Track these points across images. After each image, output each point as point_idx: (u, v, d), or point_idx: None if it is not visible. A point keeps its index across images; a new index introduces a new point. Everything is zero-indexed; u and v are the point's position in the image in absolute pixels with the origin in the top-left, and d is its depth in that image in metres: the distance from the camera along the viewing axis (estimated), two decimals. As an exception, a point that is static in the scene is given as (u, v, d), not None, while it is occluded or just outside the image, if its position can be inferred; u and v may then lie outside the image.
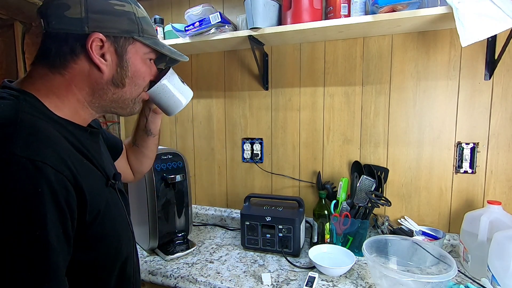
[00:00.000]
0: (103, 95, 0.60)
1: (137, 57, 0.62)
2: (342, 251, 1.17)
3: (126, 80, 0.61)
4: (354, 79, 1.34)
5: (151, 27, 0.65)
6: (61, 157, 0.48)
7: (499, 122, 1.17)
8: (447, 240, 1.23)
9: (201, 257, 1.23)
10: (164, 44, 0.68)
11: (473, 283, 0.96)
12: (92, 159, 0.57)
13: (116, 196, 0.63)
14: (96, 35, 0.55)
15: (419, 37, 1.24)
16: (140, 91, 0.66)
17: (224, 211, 1.60)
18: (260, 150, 1.52)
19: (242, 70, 1.52)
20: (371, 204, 1.19)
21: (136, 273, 0.73)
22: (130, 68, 0.61)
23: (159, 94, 0.73)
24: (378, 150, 1.33)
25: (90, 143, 0.61)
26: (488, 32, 0.94)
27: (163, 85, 0.72)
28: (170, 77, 0.74)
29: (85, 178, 0.51)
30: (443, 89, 1.23)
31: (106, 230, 0.56)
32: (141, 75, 0.64)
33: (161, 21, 1.48)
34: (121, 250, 0.62)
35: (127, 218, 0.66)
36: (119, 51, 0.59)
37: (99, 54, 0.57)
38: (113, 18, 0.57)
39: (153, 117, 0.87)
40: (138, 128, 0.90)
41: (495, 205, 1.04)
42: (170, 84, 0.74)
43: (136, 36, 0.60)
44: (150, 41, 0.63)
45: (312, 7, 1.17)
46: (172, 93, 0.74)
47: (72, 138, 0.55)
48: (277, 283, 1.03)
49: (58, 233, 0.46)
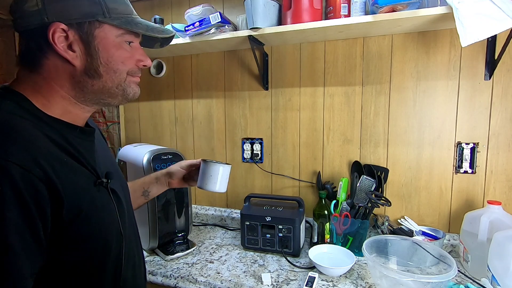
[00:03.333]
0: (83, 88, 0.57)
1: (108, 41, 0.56)
2: (342, 251, 1.17)
3: (100, 68, 0.56)
4: (354, 79, 1.34)
5: (123, 4, 0.58)
6: (32, 155, 0.46)
7: (499, 122, 1.17)
8: (447, 240, 1.23)
9: (201, 257, 1.23)
10: (141, 21, 0.60)
11: (473, 283, 0.96)
12: (79, 158, 0.55)
13: (107, 196, 0.59)
14: (56, 25, 0.51)
15: (419, 37, 1.24)
16: (125, 76, 0.59)
17: (224, 211, 1.60)
18: (260, 150, 1.52)
19: (242, 70, 1.52)
20: (371, 204, 1.19)
21: (138, 277, 0.71)
22: (100, 55, 0.55)
23: (210, 170, 0.90)
24: (378, 150, 1.33)
25: (80, 141, 0.58)
26: (488, 32, 0.94)
27: (218, 168, 0.90)
28: (226, 168, 0.92)
29: (64, 177, 0.49)
30: (443, 89, 1.23)
31: (91, 230, 0.54)
32: (117, 59, 0.57)
33: (161, 21, 1.48)
34: (109, 251, 0.59)
35: (118, 218, 0.61)
36: (85, 38, 0.54)
37: (66, 46, 0.53)
38: (71, 2, 0.52)
39: (161, 185, 0.92)
40: (139, 184, 0.91)
41: (495, 205, 1.04)
42: (222, 171, 0.91)
43: (101, 18, 0.54)
44: (118, 21, 0.56)
45: (312, 7, 1.17)
46: (217, 178, 0.91)
47: (57, 136, 0.53)
48: (277, 283, 1.03)
49: (23, 236, 0.44)
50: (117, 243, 0.60)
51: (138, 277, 0.72)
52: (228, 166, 0.92)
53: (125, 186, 0.75)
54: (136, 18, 0.60)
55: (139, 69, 0.63)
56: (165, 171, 0.93)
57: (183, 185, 0.97)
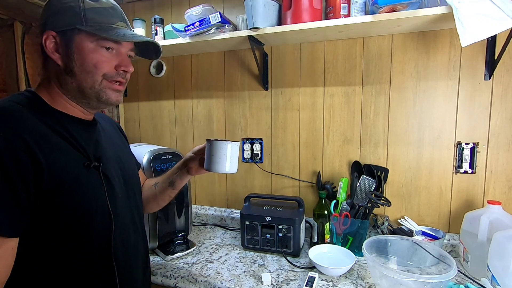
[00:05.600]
0: (65, 85, 0.68)
1: (84, 45, 0.65)
2: (342, 251, 1.17)
3: (75, 68, 0.66)
4: (354, 79, 1.34)
5: (103, 15, 0.67)
6: (18, 131, 0.58)
7: (499, 122, 1.17)
8: (447, 240, 1.23)
9: (201, 257, 1.23)
10: (118, 30, 0.68)
11: (473, 283, 0.96)
12: (72, 141, 0.66)
13: (97, 178, 0.68)
14: (48, 32, 0.65)
15: (419, 37, 1.24)
16: (99, 79, 0.68)
17: (224, 211, 1.60)
18: (260, 150, 1.52)
19: (242, 70, 1.52)
20: (371, 204, 1.19)
21: (133, 263, 0.77)
22: (75, 56, 0.65)
23: (217, 150, 0.84)
24: (378, 150, 1.33)
25: (78, 130, 0.69)
26: (488, 32, 0.94)
27: (225, 146, 0.83)
28: (235, 146, 0.85)
29: (48, 153, 0.60)
30: (443, 89, 1.23)
31: (73, 203, 0.63)
32: (89, 61, 0.66)
33: (161, 21, 1.49)
34: (91, 224, 0.66)
35: (107, 199, 0.69)
36: (66, 42, 0.65)
37: (53, 49, 0.66)
38: (60, 15, 0.66)
39: (183, 174, 0.93)
40: (166, 176, 0.96)
41: (495, 205, 1.04)
42: (230, 150, 0.84)
43: (79, 26, 0.64)
44: (92, 28, 0.65)
45: (312, 7, 1.17)
46: (225, 157, 0.84)
47: (55, 123, 0.65)
48: (277, 283, 1.03)
49: (3, 192, 0.55)
50: (102, 220, 0.68)
51: (133, 262, 0.78)
52: (236, 143, 0.86)
53: (130, 177, 0.83)
54: (115, 27, 0.68)
55: (117, 74, 0.70)
56: (183, 160, 0.95)
57: (202, 170, 0.95)
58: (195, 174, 0.95)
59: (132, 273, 0.77)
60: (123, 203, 0.76)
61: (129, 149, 0.95)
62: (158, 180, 0.98)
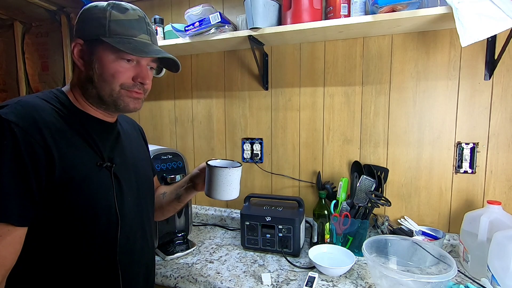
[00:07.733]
0: (87, 90, 0.71)
1: (105, 55, 0.68)
2: (342, 251, 1.17)
3: (94, 76, 0.69)
4: (354, 79, 1.34)
5: (127, 28, 0.69)
6: (37, 126, 0.60)
7: (499, 122, 1.17)
8: (447, 240, 1.23)
9: (201, 257, 1.23)
10: (134, 42, 0.69)
11: (473, 283, 0.96)
12: (88, 140, 0.68)
13: (108, 178, 0.70)
14: (77, 40, 0.69)
15: (419, 37, 1.24)
16: (116, 89, 0.69)
17: (224, 211, 1.60)
18: (260, 150, 1.52)
19: (242, 70, 1.52)
20: (371, 204, 1.19)
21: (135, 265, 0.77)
22: (96, 65, 0.68)
23: (215, 176, 0.80)
24: (378, 150, 1.33)
25: (96, 129, 0.72)
26: (488, 32, 0.94)
27: (223, 173, 0.79)
28: (235, 172, 0.81)
29: (62, 148, 0.62)
30: (443, 89, 1.23)
31: (81, 199, 0.65)
32: (108, 71, 0.68)
33: (161, 21, 1.48)
34: (97, 221, 0.67)
35: (115, 199, 0.70)
36: (90, 51, 0.69)
37: (79, 56, 0.70)
38: (88, 25, 0.69)
39: (189, 189, 0.93)
40: (174, 188, 0.97)
41: (495, 205, 1.04)
42: (230, 177, 0.80)
43: (102, 36, 0.67)
44: (112, 40, 0.67)
45: (312, 7, 1.17)
46: (223, 185, 0.80)
47: (75, 122, 0.68)
48: (277, 283, 1.03)
49: (16, 180, 0.57)
50: (108, 220, 0.69)
51: (136, 268, 0.78)
52: (235, 169, 0.81)
53: (143, 182, 0.84)
54: (136, 40, 0.70)
55: (134, 84, 0.71)
56: (189, 176, 0.95)
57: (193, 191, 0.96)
58: (201, 191, 0.94)
59: (135, 279, 0.77)
60: (133, 206, 0.77)
61: (148, 155, 0.96)
62: (167, 190, 0.98)
